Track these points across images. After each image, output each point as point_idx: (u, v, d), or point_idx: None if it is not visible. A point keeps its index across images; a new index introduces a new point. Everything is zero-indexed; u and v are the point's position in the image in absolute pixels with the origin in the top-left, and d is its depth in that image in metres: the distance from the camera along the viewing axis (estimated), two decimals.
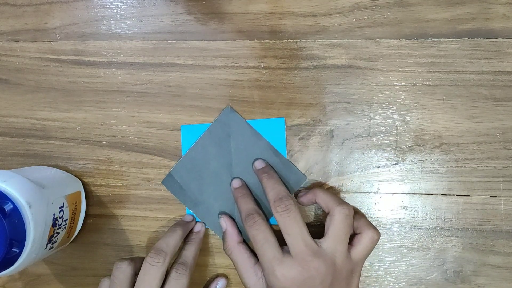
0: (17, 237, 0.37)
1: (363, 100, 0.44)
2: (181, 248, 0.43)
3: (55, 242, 0.42)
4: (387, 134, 0.44)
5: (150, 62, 0.46)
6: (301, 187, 0.45)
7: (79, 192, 0.46)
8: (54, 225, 0.40)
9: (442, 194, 0.44)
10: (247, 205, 0.42)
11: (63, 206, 0.42)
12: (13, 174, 0.39)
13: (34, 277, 0.49)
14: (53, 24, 0.47)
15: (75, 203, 0.45)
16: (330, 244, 0.38)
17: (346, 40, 0.44)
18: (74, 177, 0.47)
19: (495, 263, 0.43)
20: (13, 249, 0.37)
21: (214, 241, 0.46)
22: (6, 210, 0.36)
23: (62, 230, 0.42)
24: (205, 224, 0.46)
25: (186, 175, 0.46)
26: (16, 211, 0.37)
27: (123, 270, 0.39)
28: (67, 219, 0.43)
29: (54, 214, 0.40)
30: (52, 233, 0.40)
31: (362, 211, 0.45)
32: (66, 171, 0.47)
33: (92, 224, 0.48)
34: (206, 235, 0.46)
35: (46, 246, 0.40)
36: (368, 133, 0.44)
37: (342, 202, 0.39)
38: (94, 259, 0.48)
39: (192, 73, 0.46)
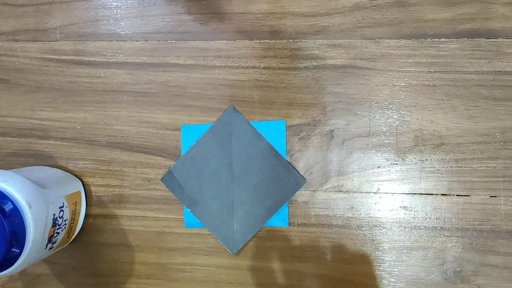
0: (17, 237, 0.37)
1: (363, 100, 0.44)
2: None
3: (55, 242, 0.42)
4: (387, 134, 0.44)
5: (150, 62, 0.46)
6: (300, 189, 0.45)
7: (79, 192, 0.46)
8: (54, 225, 0.40)
9: (442, 194, 0.44)
10: None
11: (63, 206, 0.42)
12: (13, 174, 0.39)
13: (34, 277, 0.49)
14: (53, 24, 0.47)
15: (75, 203, 0.45)
16: None
17: (346, 40, 0.44)
18: (74, 177, 0.47)
19: (495, 263, 0.43)
20: (13, 249, 0.37)
21: (214, 241, 0.46)
22: (6, 210, 0.36)
23: (62, 230, 0.42)
24: (202, 224, 0.46)
25: (186, 173, 0.46)
26: (16, 211, 0.37)
27: None
28: (67, 219, 0.43)
29: (54, 214, 0.40)
30: (52, 233, 0.40)
31: (362, 211, 0.45)
32: (66, 171, 0.47)
33: (92, 224, 0.48)
34: (204, 235, 0.46)
35: (46, 246, 0.40)
36: (368, 133, 0.44)
37: None
38: (94, 259, 0.48)
39: (192, 73, 0.46)
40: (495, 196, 0.43)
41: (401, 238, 0.44)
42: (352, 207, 0.45)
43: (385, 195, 0.44)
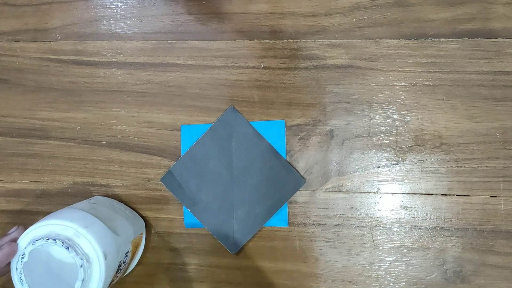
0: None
1: (363, 100, 0.44)
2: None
3: (109, 284, 0.39)
4: (387, 134, 0.44)
5: (150, 62, 0.46)
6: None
7: (141, 235, 0.44)
8: (117, 271, 0.39)
9: (442, 194, 0.44)
10: None
11: (128, 251, 0.40)
12: (94, 219, 0.37)
13: None
14: (53, 24, 0.47)
15: (137, 245, 0.43)
16: None
17: (346, 40, 0.44)
18: (139, 216, 0.46)
19: (495, 263, 0.43)
20: None
21: (214, 241, 0.46)
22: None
23: (119, 274, 0.41)
24: (202, 224, 0.46)
25: (186, 173, 0.46)
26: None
27: None
28: (126, 263, 0.41)
29: (120, 261, 0.39)
30: (113, 279, 0.39)
31: (362, 211, 0.45)
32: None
33: None
34: (204, 235, 0.46)
35: None
36: (368, 133, 0.44)
37: None
38: None
39: (192, 73, 0.46)
40: (495, 196, 0.43)
41: (401, 238, 0.44)
42: (352, 207, 0.45)
43: (385, 195, 0.44)
